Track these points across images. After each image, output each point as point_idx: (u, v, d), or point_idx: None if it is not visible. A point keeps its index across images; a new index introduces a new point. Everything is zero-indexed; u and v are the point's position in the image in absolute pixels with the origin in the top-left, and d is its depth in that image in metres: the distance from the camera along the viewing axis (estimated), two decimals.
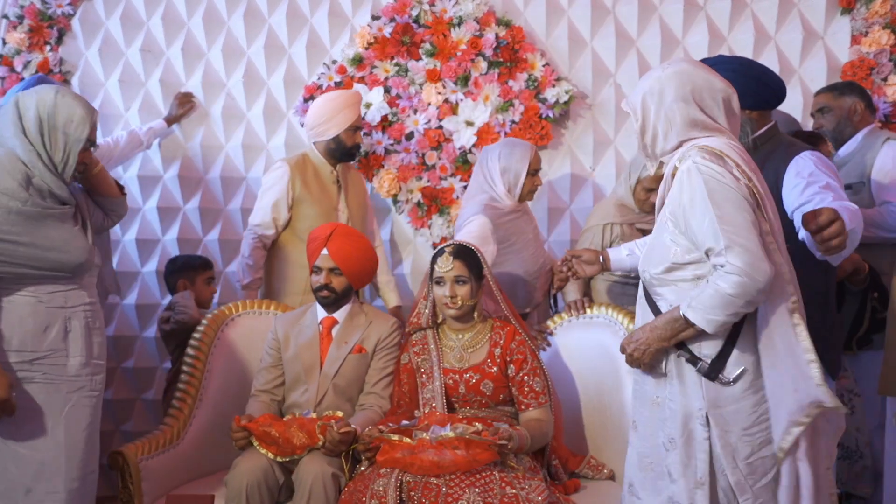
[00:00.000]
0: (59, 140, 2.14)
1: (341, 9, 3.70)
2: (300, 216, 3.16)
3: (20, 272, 2.08)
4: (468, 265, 2.50)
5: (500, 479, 2.17)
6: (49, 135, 2.13)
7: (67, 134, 2.14)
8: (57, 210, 2.14)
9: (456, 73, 3.51)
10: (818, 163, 2.20)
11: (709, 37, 3.50)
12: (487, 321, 2.60)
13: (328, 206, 3.18)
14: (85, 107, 2.19)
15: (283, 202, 3.14)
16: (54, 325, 2.14)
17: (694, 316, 1.82)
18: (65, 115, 2.13)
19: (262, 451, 2.36)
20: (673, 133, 1.93)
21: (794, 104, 3.40)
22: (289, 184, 3.14)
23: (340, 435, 2.32)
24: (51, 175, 2.12)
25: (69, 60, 3.73)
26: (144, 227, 3.66)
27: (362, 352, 2.63)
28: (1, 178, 2.07)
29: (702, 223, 1.81)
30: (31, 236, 2.08)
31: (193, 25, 3.73)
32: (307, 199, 3.15)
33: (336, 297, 2.65)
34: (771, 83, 2.35)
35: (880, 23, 3.36)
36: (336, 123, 3.14)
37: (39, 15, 3.69)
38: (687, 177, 1.84)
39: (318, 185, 3.19)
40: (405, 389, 2.59)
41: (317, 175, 3.20)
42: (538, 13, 3.60)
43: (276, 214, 3.14)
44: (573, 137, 3.56)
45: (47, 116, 2.12)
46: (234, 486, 2.30)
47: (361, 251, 2.69)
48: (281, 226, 3.17)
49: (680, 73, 1.93)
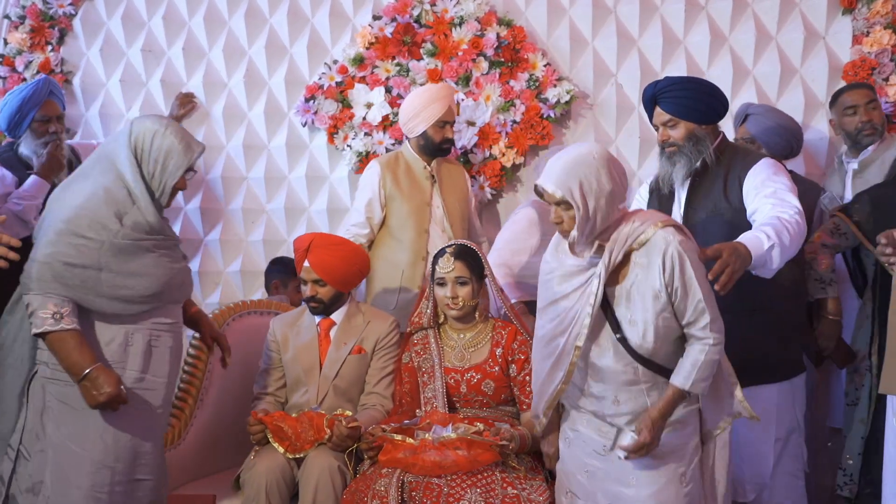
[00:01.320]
0: (158, 171, 2.19)
1: (342, 9, 3.70)
2: (392, 213, 3.13)
3: (100, 302, 2.12)
4: (469, 266, 2.50)
5: (502, 480, 2.17)
6: (149, 164, 2.18)
7: (166, 166, 2.19)
8: (148, 241, 2.18)
9: (457, 72, 3.51)
10: (772, 169, 2.36)
11: (710, 37, 3.50)
12: (489, 321, 2.60)
13: (420, 203, 3.13)
14: (186, 143, 2.22)
15: (376, 201, 3.12)
16: (117, 337, 2.17)
17: (701, 388, 1.99)
18: (166, 147, 2.18)
19: (275, 444, 2.39)
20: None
21: (795, 104, 3.40)
22: (379, 182, 3.11)
23: (349, 430, 2.34)
24: (148, 201, 2.18)
25: (70, 60, 3.73)
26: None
27: (362, 352, 2.63)
28: (98, 208, 2.12)
29: (694, 300, 1.98)
30: (118, 267, 2.12)
31: (194, 25, 3.73)
32: (398, 197, 3.11)
33: (325, 306, 2.65)
34: (719, 97, 2.47)
35: (882, 22, 3.35)
36: (423, 119, 3.08)
37: (41, 15, 3.70)
38: (678, 258, 1.98)
39: (410, 181, 3.14)
40: (406, 389, 2.60)
41: (409, 171, 3.16)
42: (539, 13, 3.60)
43: (370, 214, 3.12)
44: (574, 137, 3.56)
45: (151, 147, 2.18)
46: (254, 486, 2.32)
47: (342, 259, 2.65)
48: (376, 225, 3.15)
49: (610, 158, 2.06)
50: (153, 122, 2.22)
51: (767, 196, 2.29)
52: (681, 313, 2.00)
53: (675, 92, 2.44)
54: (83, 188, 2.16)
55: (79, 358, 2.05)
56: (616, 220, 2.03)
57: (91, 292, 2.10)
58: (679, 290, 1.97)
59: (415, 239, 3.10)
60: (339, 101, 3.58)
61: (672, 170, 2.48)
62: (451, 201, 3.18)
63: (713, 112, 2.46)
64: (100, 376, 2.05)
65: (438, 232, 3.14)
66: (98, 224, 2.10)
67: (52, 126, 2.95)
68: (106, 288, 2.11)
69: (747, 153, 2.50)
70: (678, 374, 2.00)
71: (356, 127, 3.57)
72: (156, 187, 2.19)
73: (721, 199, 2.42)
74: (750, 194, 2.35)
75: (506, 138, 3.48)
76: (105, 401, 2.05)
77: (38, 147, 2.92)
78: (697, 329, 1.99)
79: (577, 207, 1.97)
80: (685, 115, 2.43)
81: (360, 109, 3.57)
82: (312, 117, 3.59)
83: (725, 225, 2.38)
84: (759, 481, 2.47)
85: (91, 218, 2.10)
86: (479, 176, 3.50)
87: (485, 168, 3.50)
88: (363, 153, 3.55)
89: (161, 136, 2.18)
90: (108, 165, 2.19)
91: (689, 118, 2.43)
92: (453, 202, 3.19)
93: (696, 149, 2.43)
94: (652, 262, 1.99)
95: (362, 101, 3.57)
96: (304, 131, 3.67)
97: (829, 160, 3.38)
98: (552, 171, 2.02)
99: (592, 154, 2.02)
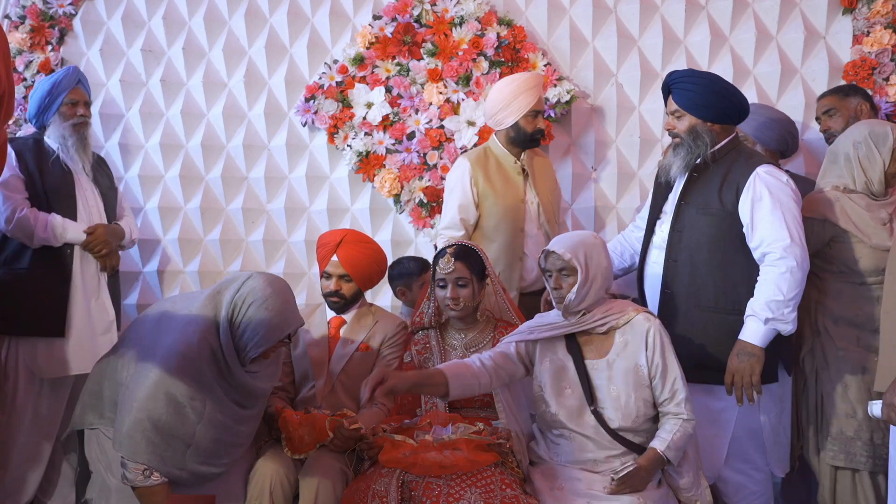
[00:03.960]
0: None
1: (342, 8, 3.70)
2: (486, 213, 2.97)
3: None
4: (469, 266, 2.51)
5: (501, 480, 2.17)
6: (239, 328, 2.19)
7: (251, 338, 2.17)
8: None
9: (457, 72, 3.50)
10: (773, 185, 2.38)
11: (710, 36, 3.50)
12: (490, 321, 2.60)
13: (514, 199, 2.97)
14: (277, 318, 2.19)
15: (469, 201, 2.97)
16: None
17: (673, 455, 2.17)
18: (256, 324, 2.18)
19: (283, 443, 2.42)
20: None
21: (795, 104, 3.40)
22: (470, 180, 2.97)
23: (350, 431, 2.36)
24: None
25: (70, 60, 3.73)
26: (145, 227, 3.66)
27: (368, 349, 2.67)
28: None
29: (671, 378, 2.21)
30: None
31: (195, 25, 3.73)
32: (491, 195, 2.96)
33: (345, 303, 2.71)
34: (734, 99, 2.48)
35: (882, 22, 3.36)
36: (515, 109, 2.94)
37: (41, 15, 3.69)
38: (660, 338, 2.23)
39: (502, 177, 2.99)
40: None
41: (500, 167, 3.01)
42: (540, 13, 3.60)
43: (465, 215, 2.97)
44: (574, 137, 3.56)
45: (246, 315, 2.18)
46: (257, 486, 2.33)
47: (371, 257, 2.72)
48: (471, 226, 2.99)
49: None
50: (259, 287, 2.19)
51: (764, 243, 2.36)
52: (657, 390, 2.22)
53: (687, 85, 2.47)
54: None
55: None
56: (600, 301, 2.29)
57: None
58: (659, 367, 2.20)
59: (511, 239, 2.96)
60: (339, 100, 3.58)
61: (672, 161, 2.52)
62: (545, 195, 3.04)
63: (722, 112, 2.46)
64: None
65: (534, 230, 3.00)
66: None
67: (80, 109, 2.95)
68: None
69: (751, 155, 2.51)
70: (657, 440, 2.18)
71: (356, 127, 3.57)
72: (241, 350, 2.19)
73: (714, 198, 2.45)
74: (746, 216, 2.40)
75: None
76: None
77: (65, 130, 2.91)
78: (673, 405, 2.20)
79: (580, 270, 2.22)
80: (691, 108, 2.47)
81: (361, 109, 3.57)
82: (312, 117, 3.59)
83: (713, 224, 2.44)
84: (711, 474, 2.49)
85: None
86: None
87: None
88: (363, 153, 3.55)
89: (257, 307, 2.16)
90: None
91: (694, 112, 2.46)
92: (547, 196, 3.05)
93: (695, 144, 2.47)
94: (635, 340, 2.24)
95: (362, 100, 3.57)
96: (305, 131, 3.67)
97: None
98: (561, 242, 2.28)
99: (594, 236, 2.35)
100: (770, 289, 2.30)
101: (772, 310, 2.29)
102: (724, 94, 2.47)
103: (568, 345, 2.31)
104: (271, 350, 2.22)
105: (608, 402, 2.22)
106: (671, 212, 2.53)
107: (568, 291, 2.24)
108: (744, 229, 2.41)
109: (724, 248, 2.42)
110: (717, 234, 2.42)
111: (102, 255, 2.94)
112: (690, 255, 2.45)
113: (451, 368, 2.26)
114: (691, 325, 2.44)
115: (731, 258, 2.42)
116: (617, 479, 2.11)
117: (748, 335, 2.33)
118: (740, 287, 2.40)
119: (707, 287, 2.43)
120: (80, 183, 2.96)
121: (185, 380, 2.09)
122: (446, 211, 3.04)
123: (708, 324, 2.42)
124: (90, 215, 2.97)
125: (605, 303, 2.31)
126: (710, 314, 2.42)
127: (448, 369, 2.25)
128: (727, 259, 2.42)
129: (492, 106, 3.01)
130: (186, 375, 2.10)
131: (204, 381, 2.13)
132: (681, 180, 2.54)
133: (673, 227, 2.50)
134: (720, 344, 2.40)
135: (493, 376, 2.30)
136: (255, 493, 2.32)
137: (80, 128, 2.95)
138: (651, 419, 2.25)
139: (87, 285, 2.90)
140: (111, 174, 3.21)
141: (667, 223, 2.53)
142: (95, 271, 2.95)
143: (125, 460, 2.08)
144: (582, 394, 2.24)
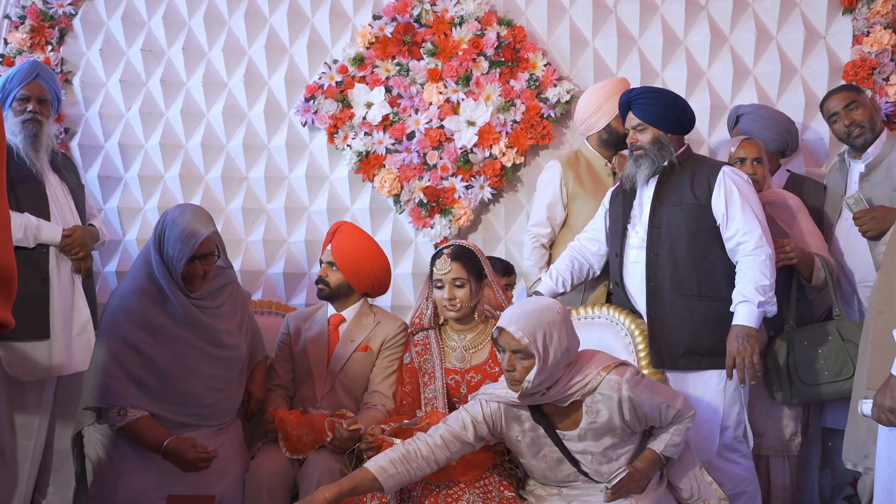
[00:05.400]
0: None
1: (342, 8, 3.70)
2: (574, 212, 3.10)
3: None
4: (467, 267, 2.51)
5: (499, 482, 2.18)
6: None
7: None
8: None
9: (457, 72, 3.50)
10: (738, 182, 2.58)
11: (710, 36, 3.50)
12: (489, 322, 2.60)
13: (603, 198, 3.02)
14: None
15: (558, 201, 3.10)
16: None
17: (672, 451, 2.18)
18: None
19: (280, 443, 2.43)
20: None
21: (795, 104, 3.40)
22: (561, 181, 3.10)
23: (349, 432, 2.36)
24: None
25: (70, 60, 3.73)
26: (145, 227, 3.66)
27: (368, 350, 2.67)
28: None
29: (655, 412, 2.14)
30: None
31: (194, 25, 3.73)
32: (581, 195, 3.09)
33: (330, 292, 2.73)
34: (686, 111, 2.69)
35: (882, 22, 3.35)
36: (606, 112, 3.06)
37: (41, 15, 3.70)
38: (630, 399, 2.10)
39: (592, 179, 3.11)
40: (407, 389, 2.60)
41: (590, 169, 3.13)
42: (540, 13, 3.60)
43: (552, 213, 3.11)
44: (575, 137, 3.56)
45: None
46: (256, 486, 2.34)
47: (359, 249, 2.73)
48: (557, 225, 3.13)
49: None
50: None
51: (739, 234, 2.53)
52: (645, 423, 2.16)
53: (647, 100, 2.66)
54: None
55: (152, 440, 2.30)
56: (563, 373, 2.09)
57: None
58: (638, 418, 2.12)
59: None
60: (339, 100, 3.58)
61: (636, 171, 2.69)
62: None
63: (678, 123, 2.67)
64: (176, 448, 2.28)
65: None
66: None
67: (30, 104, 2.84)
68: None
69: (710, 159, 2.78)
70: (655, 440, 2.17)
71: (356, 127, 3.57)
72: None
73: (688, 192, 2.61)
74: (720, 209, 2.57)
75: (506, 138, 3.48)
76: (189, 469, 2.28)
77: (15, 126, 2.82)
78: (666, 424, 2.17)
79: (538, 357, 1.99)
80: (653, 121, 2.64)
81: (361, 109, 3.57)
82: (312, 117, 3.59)
83: (690, 217, 2.60)
84: (705, 459, 2.51)
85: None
86: (478, 176, 3.50)
87: (485, 168, 3.49)
88: (363, 153, 3.55)
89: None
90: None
91: (656, 125, 2.64)
92: None
93: (661, 153, 2.64)
94: (607, 405, 2.08)
95: (362, 100, 3.57)
96: (304, 131, 3.67)
97: (829, 159, 3.38)
98: (517, 319, 2.03)
99: (555, 309, 2.08)
100: (756, 275, 2.46)
101: (762, 293, 2.44)
102: (681, 107, 2.68)
103: (534, 416, 2.14)
104: (195, 269, 2.47)
105: (590, 462, 2.14)
106: (645, 213, 2.67)
107: (523, 376, 2.01)
108: (717, 222, 2.58)
109: (702, 240, 2.59)
110: (694, 226, 2.58)
111: (80, 257, 2.86)
112: (671, 248, 2.60)
113: (380, 460, 2.04)
114: (677, 313, 2.57)
115: (708, 248, 2.58)
116: (611, 488, 2.04)
117: (744, 319, 2.46)
118: (719, 275, 2.57)
119: (689, 277, 2.58)
120: (48, 181, 2.87)
121: (128, 324, 2.41)
122: (535, 209, 3.17)
123: (693, 311, 2.56)
124: (63, 214, 2.88)
125: (567, 371, 2.10)
126: (694, 302, 2.57)
127: (373, 465, 2.02)
128: (705, 249, 2.58)
129: (583, 112, 3.13)
130: (129, 320, 2.41)
131: (148, 318, 2.42)
132: (647, 187, 2.69)
133: (651, 224, 2.64)
134: (706, 329, 2.55)
135: (437, 454, 2.08)
136: (254, 494, 2.33)
137: (28, 124, 2.83)
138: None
139: (64, 287, 2.82)
140: (78, 172, 3.13)
141: (641, 224, 2.68)
142: (70, 272, 2.86)
143: (100, 409, 2.35)
144: (561, 456, 2.14)
